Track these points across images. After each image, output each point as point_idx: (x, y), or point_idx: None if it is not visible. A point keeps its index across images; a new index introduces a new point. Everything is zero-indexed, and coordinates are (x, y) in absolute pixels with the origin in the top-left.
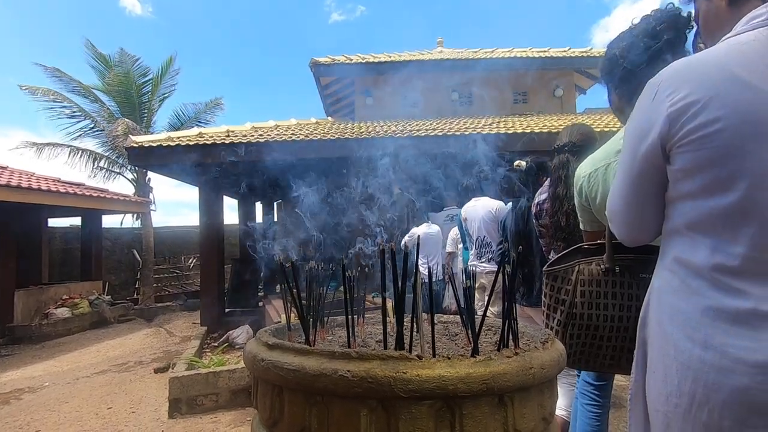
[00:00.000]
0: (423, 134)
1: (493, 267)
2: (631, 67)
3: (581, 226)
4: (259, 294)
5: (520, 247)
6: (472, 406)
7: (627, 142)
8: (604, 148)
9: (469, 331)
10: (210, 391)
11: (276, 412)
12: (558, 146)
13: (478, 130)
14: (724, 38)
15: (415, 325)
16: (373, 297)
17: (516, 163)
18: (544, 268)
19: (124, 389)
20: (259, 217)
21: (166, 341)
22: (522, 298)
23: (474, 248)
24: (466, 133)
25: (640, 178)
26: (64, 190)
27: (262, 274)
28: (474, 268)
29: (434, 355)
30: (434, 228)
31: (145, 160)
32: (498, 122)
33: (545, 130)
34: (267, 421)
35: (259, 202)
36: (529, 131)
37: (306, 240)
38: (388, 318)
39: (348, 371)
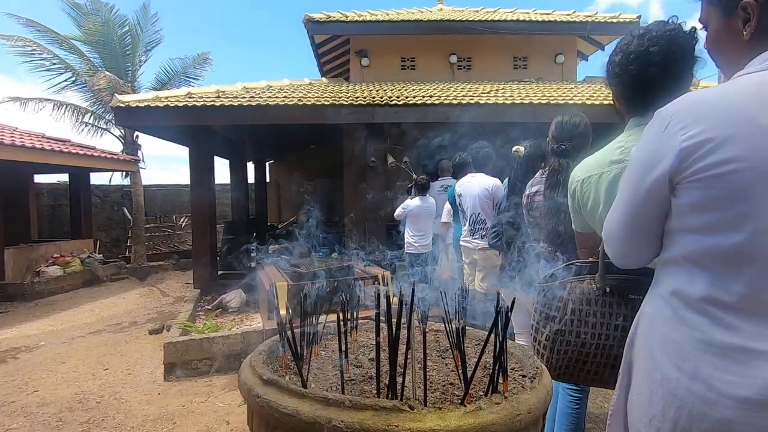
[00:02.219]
0: (419, 102)
1: (485, 244)
2: (624, 85)
3: (573, 227)
4: (252, 255)
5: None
6: None
7: (632, 170)
8: (598, 156)
9: (461, 370)
10: (204, 356)
11: None
12: (556, 147)
13: (476, 99)
14: (738, 74)
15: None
16: (366, 266)
17: (515, 148)
18: (537, 283)
19: (120, 350)
20: (251, 177)
21: (160, 301)
22: (510, 281)
23: (468, 224)
24: (464, 102)
25: (641, 207)
26: (49, 148)
27: (255, 235)
28: (466, 244)
29: (425, 403)
30: (429, 201)
31: (132, 120)
32: (497, 90)
33: (544, 102)
34: None
35: (251, 162)
36: (527, 102)
37: (300, 207)
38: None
39: (342, 422)
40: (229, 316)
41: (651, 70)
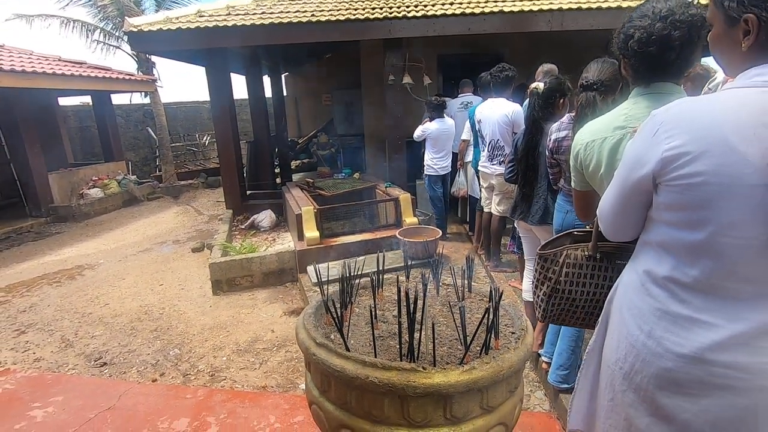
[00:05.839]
0: (439, 13)
1: (503, 170)
2: (640, 62)
3: (572, 184)
4: (276, 172)
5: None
6: (458, 397)
7: (625, 163)
8: (603, 121)
9: (462, 333)
10: (245, 273)
11: (325, 386)
12: (586, 83)
13: (500, 6)
14: (728, 86)
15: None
16: (386, 187)
17: (533, 85)
18: (537, 250)
19: (169, 267)
20: (268, 91)
21: (196, 220)
22: (521, 214)
23: (486, 150)
24: (486, 11)
25: (628, 197)
26: (69, 72)
27: (277, 151)
28: (485, 170)
29: (434, 364)
30: (448, 122)
31: (146, 45)
32: None
33: (574, 6)
34: (319, 387)
35: (267, 76)
36: (556, 8)
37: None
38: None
39: (376, 377)
40: (262, 236)
41: (669, 54)
